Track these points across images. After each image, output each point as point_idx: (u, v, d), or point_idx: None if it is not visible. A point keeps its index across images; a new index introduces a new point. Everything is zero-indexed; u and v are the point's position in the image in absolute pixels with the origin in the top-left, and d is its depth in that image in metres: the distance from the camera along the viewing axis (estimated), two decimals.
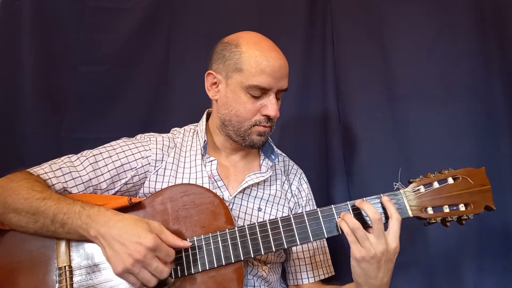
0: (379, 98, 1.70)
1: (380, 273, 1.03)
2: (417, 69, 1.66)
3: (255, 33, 1.25)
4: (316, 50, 1.78)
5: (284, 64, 1.21)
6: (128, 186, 1.23)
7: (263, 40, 1.22)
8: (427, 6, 1.68)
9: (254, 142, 1.25)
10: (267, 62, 1.16)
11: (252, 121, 1.22)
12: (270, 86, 1.18)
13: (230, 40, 1.23)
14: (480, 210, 1.08)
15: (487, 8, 1.62)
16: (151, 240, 0.96)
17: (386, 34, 1.71)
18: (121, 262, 0.96)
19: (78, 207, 1.03)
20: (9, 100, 1.63)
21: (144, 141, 1.28)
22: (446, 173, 1.11)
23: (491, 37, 1.61)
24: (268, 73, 1.16)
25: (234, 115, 1.22)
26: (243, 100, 1.20)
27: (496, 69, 1.59)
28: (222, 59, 1.22)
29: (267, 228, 1.09)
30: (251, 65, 1.17)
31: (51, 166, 1.15)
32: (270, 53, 1.18)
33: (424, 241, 1.57)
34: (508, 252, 1.51)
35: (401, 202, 1.09)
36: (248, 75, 1.17)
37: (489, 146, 1.56)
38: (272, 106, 1.20)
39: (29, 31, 1.65)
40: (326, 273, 1.34)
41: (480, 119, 1.59)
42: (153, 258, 0.97)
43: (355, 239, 1.02)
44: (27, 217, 1.04)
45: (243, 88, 1.18)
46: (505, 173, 1.52)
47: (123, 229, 0.99)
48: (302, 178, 1.42)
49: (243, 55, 1.18)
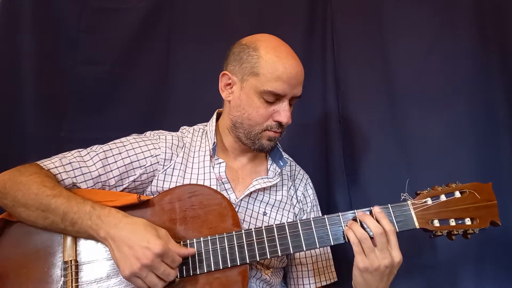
0: (379, 98, 1.71)
1: (381, 284, 1.05)
2: (417, 69, 1.67)
3: (273, 37, 1.25)
4: (316, 50, 1.78)
5: (301, 71, 1.21)
6: (136, 184, 1.23)
7: (281, 45, 1.22)
8: (427, 6, 1.68)
9: (264, 146, 1.25)
10: (284, 68, 1.16)
11: (264, 126, 1.22)
12: (285, 92, 1.18)
13: (249, 43, 1.22)
14: (485, 225, 1.09)
15: (487, 8, 1.62)
16: (159, 246, 0.97)
17: (386, 34, 1.72)
18: (129, 265, 0.97)
19: (89, 207, 1.03)
20: (9, 100, 1.62)
21: (154, 138, 1.27)
22: (453, 187, 1.12)
23: (491, 37, 1.61)
24: (284, 80, 1.16)
25: (246, 118, 1.22)
26: (257, 104, 1.20)
27: (496, 69, 1.59)
28: (239, 61, 1.22)
29: (273, 232, 1.09)
30: (268, 70, 1.16)
31: (62, 160, 1.15)
32: (288, 59, 1.18)
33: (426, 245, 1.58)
34: (508, 254, 1.51)
35: (407, 213, 1.09)
36: (264, 80, 1.17)
37: (489, 146, 1.57)
38: (285, 113, 1.20)
39: (29, 31, 1.64)
40: (329, 279, 1.34)
41: (480, 119, 1.59)
42: (160, 262, 0.98)
43: (361, 249, 1.03)
44: (36, 213, 1.04)
45: (258, 92, 1.18)
46: (505, 173, 1.53)
47: (132, 232, 0.99)
48: (308, 183, 1.42)
49: (260, 59, 1.18)
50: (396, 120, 1.68)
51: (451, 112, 1.61)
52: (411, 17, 1.70)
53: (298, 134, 1.76)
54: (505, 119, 1.56)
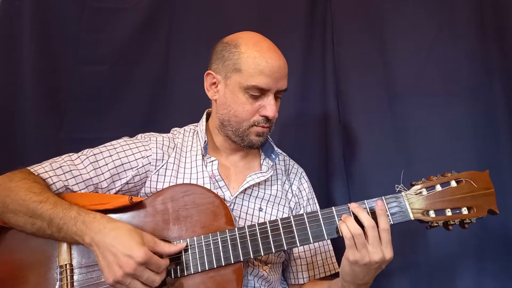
0: (379, 98, 1.70)
1: (367, 276, 1.05)
2: (417, 69, 1.66)
3: (254, 33, 1.26)
4: (316, 50, 1.78)
5: (283, 65, 1.21)
6: (129, 186, 1.23)
7: (262, 41, 1.22)
8: (427, 6, 1.68)
9: (253, 142, 1.25)
10: (266, 63, 1.17)
11: (251, 121, 1.22)
12: (269, 86, 1.18)
13: (230, 40, 1.23)
14: (483, 214, 1.07)
15: (487, 8, 1.61)
16: (142, 255, 0.97)
17: (386, 34, 1.71)
18: (112, 273, 0.97)
19: (74, 213, 1.03)
20: (9, 100, 1.63)
21: (145, 140, 1.28)
22: (449, 176, 1.10)
23: (491, 37, 1.60)
24: (267, 74, 1.17)
25: (232, 115, 1.22)
26: (242, 100, 1.20)
27: (496, 69, 1.58)
28: (221, 59, 1.23)
29: (267, 229, 1.09)
30: (250, 65, 1.17)
31: (52, 164, 1.16)
32: (269, 53, 1.18)
33: (424, 242, 1.57)
34: (508, 253, 1.50)
35: (402, 204, 1.08)
36: (247, 76, 1.17)
37: (489, 146, 1.56)
38: (271, 107, 1.20)
39: (29, 31, 1.64)
40: (328, 271, 1.34)
41: (480, 119, 1.58)
42: (144, 270, 0.98)
43: (353, 243, 1.01)
44: (24, 219, 1.05)
45: (242, 88, 1.19)
46: (505, 173, 1.52)
47: (116, 239, 0.99)
48: (302, 177, 1.42)
49: (242, 55, 1.18)
50: (396, 120, 1.68)
51: (450, 112, 1.61)
52: (411, 17, 1.69)
53: (298, 134, 1.76)
54: (505, 119, 1.55)
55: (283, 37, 1.75)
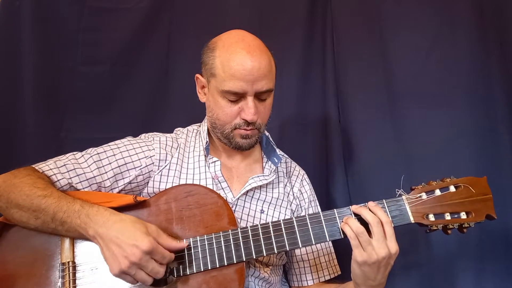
0: (379, 98, 1.71)
1: (379, 275, 1.05)
2: (417, 69, 1.66)
3: (237, 33, 1.22)
4: (316, 50, 1.78)
5: (257, 66, 1.14)
6: (132, 185, 1.23)
7: (239, 41, 1.17)
8: (427, 6, 1.68)
9: (240, 144, 1.24)
10: (236, 66, 1.13)
11: (232, 124, 1.21)
12: (243, 89, 1.15)
13: (210, 44, 1.23)
14: (481, 219, 1.09)
15: (487, 8, 1.62)
16: (147, 244, 0.97)
17: (386, 34, 1.72)
18: (118, 264, 0.98)
19: (78, 206, 1.04)
20: (9, 100, 1.62)
21: (148, 140, 1.28)
22: (448, 181, 1.12)
23: (491, 37, 1.61)
24: (238, 77, 1.14)
25: (216, 118, 1.23)
26: (221, 104, 1.19)
27: (496, 69, 1.59)
28: (203, 63, 1.23)
29: (269, 230, 1.09)
30: (222, 70, 1.15)
31: (56, 162, 1.16)
32: (241, 56, 1.14)
33: (425, 243, 1.57)
34: (508, 253, 1.51)
35: (403, 208, 1.10)
36: (220, 80, 1.16)
37: (489, 146, 1.56)
38: (249, 110, 1.17)
39: (29, 31, 1.64)
40: (332, 273, 1.34)
41: (480, 119, 1.59)
42: (149, 260, 0.99)
43: (358, 243, 1.03)
44: (28, 213, 1.05)
45: (219, 92, 1.18)
46: (505, 173, 1.53)
47: (121, 230, 1.00)
48: (304, 179, 1.42)
49: (216, 60, 1.17)
50: (396, 120, 1.68)
51: (450, 112, 1.61)
52: (411, 17, 1.69)
53: (298, 134, 1.76)
54: (504, 118, 1.56)
55: (283, 37, 1.76)
